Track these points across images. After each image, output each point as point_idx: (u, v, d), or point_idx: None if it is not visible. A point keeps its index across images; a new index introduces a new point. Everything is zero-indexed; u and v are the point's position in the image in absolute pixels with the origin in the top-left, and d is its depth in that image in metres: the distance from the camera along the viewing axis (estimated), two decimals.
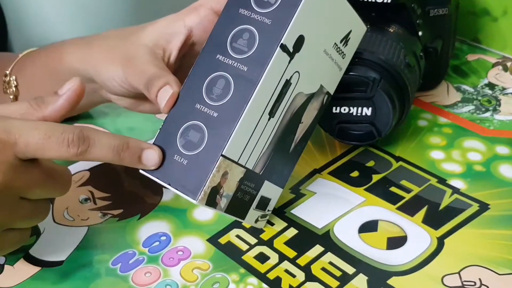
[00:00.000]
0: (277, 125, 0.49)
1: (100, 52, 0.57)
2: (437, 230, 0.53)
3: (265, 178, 0.51)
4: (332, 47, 0.51)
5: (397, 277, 0.49)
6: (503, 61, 0.71)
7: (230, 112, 0.46)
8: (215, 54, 0.48)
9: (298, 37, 0.47)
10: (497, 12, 0.72)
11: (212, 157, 0.46)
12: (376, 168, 0.59)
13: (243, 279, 0.50)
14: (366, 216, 0.55)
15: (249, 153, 0.48)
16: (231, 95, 0.47)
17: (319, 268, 0.51)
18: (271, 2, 0.47)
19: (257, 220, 0.53)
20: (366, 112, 0.57)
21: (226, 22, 0.48)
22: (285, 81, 0.48)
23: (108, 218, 0.56)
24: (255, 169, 0.49)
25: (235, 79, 0.47)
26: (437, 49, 0.64)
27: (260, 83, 0.46)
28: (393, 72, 0.56)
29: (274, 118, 0.48)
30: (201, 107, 0.47)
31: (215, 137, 0.46)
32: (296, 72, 0.48)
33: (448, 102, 0.66)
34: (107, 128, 0.66)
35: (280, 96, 0.48)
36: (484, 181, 0.57)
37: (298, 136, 0.52)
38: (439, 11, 0.63)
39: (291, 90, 0.49)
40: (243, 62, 0.47)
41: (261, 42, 0.47)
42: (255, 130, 0.47)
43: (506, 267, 0.50)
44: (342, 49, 0.52)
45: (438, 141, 0.62)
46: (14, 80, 0.63)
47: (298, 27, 0.47)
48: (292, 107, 0.50)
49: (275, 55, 0.46)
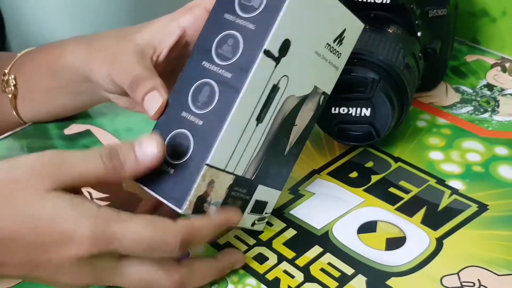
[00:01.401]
0: (267, 130, 0.48)
1: (96, 51, 0.57)
2: (436, 230, 0.53)
3: (258, 182, 0.50)
4: (325, 47, 0.50)
5: (396, 278, 0.49)
6: (501, 62, 0.71)
7: (214, 121, 0.46)
8: (201, 61, 0.47)
9: (284, 41, 0.46)
10: (496, 13, 0.72)
11: (197, 167, 0.45)
12: (375, 169, 0.59)
13: (241, 280, 0.50)
14: (365, 216, 0.54)
15: (237, 160, 0.47)
16: (215, 103, 0.46)
17: (318, 269, 0.50)
18: (255, 7, 0.46)
19: (254, 224, 0.52)
20: (365, 113, 0.57)
21: (212, 27, 0.48)
22: (273, 86, 0.47)
23: None
24: (246, 174, 0.49)
25: (219, 86, 0.46)
26: (436, 49, 0.64)
27: (243, 90, 0.45)
28: (392, 72, 0.56)
29: (262, 124, 0.48)
30: (187, 115, 0.47)
31: (200, 146, 0.46)
32: (285, 76, 0.47)
33: (447, 103, 0.66)
34: (106, 128, 0.66)
35: (268, 102, 0.47)
36: (483, 181, 0.57)
37: (293, 138, 0.51)
38: (438, 12, 0.63)
39: (280, 94, 0.48)
40: (228, 69, 0.46)
41: (245, 48, 0.46)
42: (242, 136, 0.47)
43: (505, 267, 0.49)
44: (337, 48, 0.51)
45: (437, 142, 0.62)
46: (13, 79, 0.63)
47: (282, 31, 0.46)
48: (283, 110, 0.49)
49: (258, 61, 0.45)
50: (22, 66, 0.63)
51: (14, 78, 0.63)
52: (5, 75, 0.63)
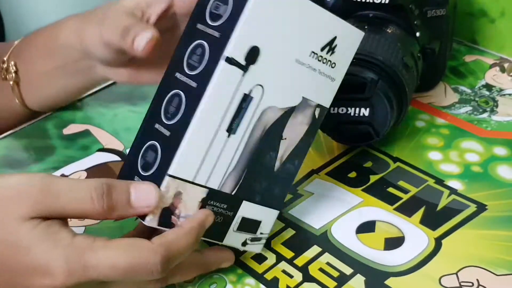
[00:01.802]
0: (243, 142, 0.47)
1: (88, 20, 0.58)
2: (435, 230, 0.53)
3: (242, 198, 0.48)
4: (309, 56, 0.48)
5: (395, 278, 0.49)
6: (500, 62, 0.71)
7: (178, 131, 0.45)
8: (175, 72, 0.46)
9: (250, 48, 0.45)
10: (495, 13, 0.72)
11: (160, 178, 0.45)
12: (373, 169, 0.59)
13: (240, 280, 0.50)
14: (363, 216, 0.55)
15: (208, 172, 0.46)
16: (181, 113, 0.45)
17: (316, 269, 0.50)
18: (221, 15, 0.45)
19: (246, 243, 0.50)
20: (364, 113, 0.57)
21: (186, 38, 0.47)
22: (243, 95, 0.46)
23: None
24: (223, 188, 0.47)
25: (186, 96, 0.45)
26: (435, 50, 0.64)
27: (205, 98, 0.44)
28: (391, 72, 0.56)
29: (236, 135, 0.46)
30: (159, 127, 0.46)
31: (165, 157, 0.45)
32: (258, 85, 0.46)
33: (446, 103, 0.66)
34: (105, 128, 0.66)
35: (240, 112, 0.46)
36: (482, 182, 0.57)
37: (283, 153, 0.49)
38: (437, 12, 0.63)
39: (256, 105, 0.47)
40: (194, 79, 0.45)
41: (209, 56, 0.45)
42: (210, 147, 0.46)
43: (503, 267, 0.49)
44: (327, 57, 0.49)
45: (435, 142, 0.62)
46: (13, 65, 0.63)
47: (247, 38, 0.45)
48: (263, 122, 0.47)
49: (220, 70, 0.44)
50: (21, 52, 0.63)
51: (14, 64, 0.63)
52: (4, 63, 0.63)
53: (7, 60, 0.63)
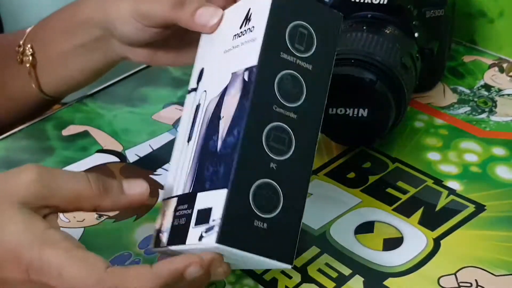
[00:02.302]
0: (196, 142, 0.48)
1: None
2: (433, 231, 0.53)
3: (197, 191, 0.46)
4: (232, 40, 0.47)
5: (393, 278, 0.49)
6: (499, 62, 0.71)
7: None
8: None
9: (200, 71, 0.48)
10: (493, 13, 0.72)
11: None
12: (372, 169, 0.59)
13: (239, 281, 0.50)
14: (362, 217, 0.55)
15: (178, 181, 0.47)
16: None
17: (315, 269, 0.50)
18: None
19: (202, 237, 0.43)
20: (362, 113, 0.57)
21: None
22: (196, 107, 0.48)
23: (104, 219, 0.56)
24: (185, 190, 0.47)
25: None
26: (433, 50, 0.64)
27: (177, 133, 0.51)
28: (390, 73, 0.56)
29: (192, 140, 0.48)
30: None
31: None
32: (204, 91, 0.48)
33: (444, 103, 0.66)
34: (104, 129, 0.66)
35: (194, 121, 0.48)
36: (480, 182, 0.57)
37: (222, 131, 0.46)
38: (435, 13, 0.63)
39: (203, 109, 0.48)
40: None
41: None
42: (179, 161, 0.48)
43: (502, 268, 0.49)
44: (246, 28, 0.47)
45: (434, 142, 0.62)
46: (29, 48, 0.63)
47: (198, 66, 0.48)
48: (207, 117, 0.48)
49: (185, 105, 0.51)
50: (37, 34, 0.63)
51: (31, 47, 0.63)
52: (20, 47, 0.63)
53: (23, 44, 0.63)
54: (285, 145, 0.44)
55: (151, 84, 0.71)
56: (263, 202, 0.43)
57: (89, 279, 0.40)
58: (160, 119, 0.67)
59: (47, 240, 0.41)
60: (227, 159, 0.44)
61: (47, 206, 0.43)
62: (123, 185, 0.45)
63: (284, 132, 0.44)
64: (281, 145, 0.44)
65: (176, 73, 0.72)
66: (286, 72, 0.44)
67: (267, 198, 0.43)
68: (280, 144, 0.44)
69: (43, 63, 0.63)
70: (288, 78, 0.44)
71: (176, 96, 0.70)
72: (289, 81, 0.44)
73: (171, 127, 0.65)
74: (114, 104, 0.69)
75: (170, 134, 0.64)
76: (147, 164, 0.61)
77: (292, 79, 0.44)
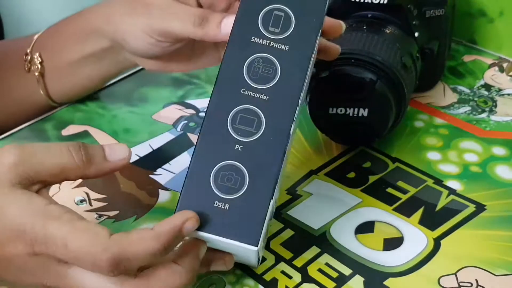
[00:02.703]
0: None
1: (120, 7, 0.57)
2: (434, 231, 0.53)
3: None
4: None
5: (394, 278, 0.49)
6: (499, 62, 0.71)
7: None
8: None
9: None
10: (493, 13, 0.72)
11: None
12: (372, 169, 0.59)
13: (239, 281, 0.50)
14: (362, 217, 0.54)
15: None
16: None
17: (315, 269, 0.50)
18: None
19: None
20: (363, 113, 0.57)
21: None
22: None
23: (103, 219, 0.56)
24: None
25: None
26: (434, 50, 0.64)
27: None
28: (390, 73, 0.56)
29: None
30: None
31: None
32: None
33: (445, 103, 0.66)
34: (104, 129, 0.66)
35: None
36: (481, 182, 0.57)
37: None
38: (435, 12, 0.63)
39: None
40: None
41: None
42: None
43: (502, 268, 0.49)
44: None
45: (434, 142, 0.62)
46: (38, 57, 0.63)
47: None
48: None
49: None
50: (46, 42, 0.63)
51: (39, 55, 0.63)
52: (28, 55, 0.63)
53: (30, 52, 0.63)
54: (253, 127, 0.44)
55: (151, 84, 0.71)
56: (225, 183, 0.44)
57: (94, 247, 0.41)
58: (160, 119, 0.67)
59: (49, 214, 0.42)
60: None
61: (35, 182, 0.44)
62: (105, 151, 0.46)
63: (253, 114, 0.44)
64: (248, 127, 0.44)
65: (176, 73, 0.72)
66: (257, 55, 0.45)
67: (230, 179, 0.44)
68: (247, 126, 0.44)
69: (52, 71, 0.63)
70: (259, 61, 0.45)
71: (176, 96, 0.69)
72: (260, 64, 0.45)
73: (171, 127, 0.65)
74: (114, 104, 0.69)
75: (170, 134, 0.64)
76: (147, 164, 0.61)
77: (263, 61, 0.45)
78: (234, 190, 0.44)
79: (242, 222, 0.43)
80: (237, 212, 0.43)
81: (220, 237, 0.44)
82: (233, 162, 0.44)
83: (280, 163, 0.44)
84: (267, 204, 0.44)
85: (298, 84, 0.45)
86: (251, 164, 0.44)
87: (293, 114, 0.45)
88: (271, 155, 0.44)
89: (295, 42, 0.45)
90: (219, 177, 0.44)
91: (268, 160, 0.44)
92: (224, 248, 0.46)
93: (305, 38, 0.45)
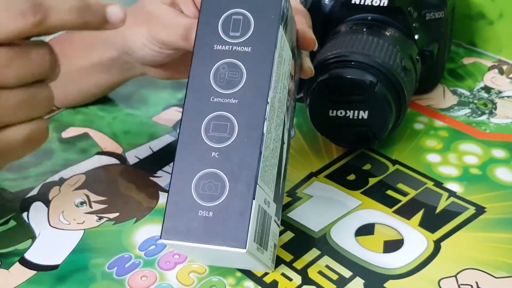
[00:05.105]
0: None
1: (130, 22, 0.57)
2: (434, 233, 0.53)
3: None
4: None
5: (394, 281, 0.49)
6: (499, 64, 0.72)
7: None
8: None
9: None
10: (493, 15, 0.72)
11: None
12: (372, 171, 0.59)
13: (239, 283, 0.50)
14: (362, 219, 0.55)
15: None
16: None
17: (315, 272, 0.50)
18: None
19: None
20: (363, 115, 0.57)
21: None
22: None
23: (104, 221, 0.56)
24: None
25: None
26: (433, 52, 0.64)
27: None
28: (390, 75, 0.56)
29: None
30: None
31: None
32: None
33: (444, 105, 0.67)
34: (104, 131, 0.66)
35: None
36: (481, 184, 0.57)
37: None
38: (435, 15, 0.64)
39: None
40: None
41: None
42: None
43: (502, 270, 0.50)
44: None
45: (434, 144, 0.62)
46: None
47: None
48: None
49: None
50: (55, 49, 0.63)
51: None
52: None
53: None
54: (227, 132, 0.44)
55: (151, 86, 0.71)
56: (206, 191, 0.43)
57: None
58: (160, 121, 0.67)
59: None
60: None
61: None
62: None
63: (225, 119, 0.44)
64: (222, 133, 0.44)
65: None
66: (221, 62, 0.45)
67: (210, 187, 0.43)
68: (221, 132, 0.44)
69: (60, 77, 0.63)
70: (224, 67, 0.45)
71: (176, 98, 0.70)
72: (226, 70, 0.45)
73: (171, 129, 0.65)
74: (114, 106, 0.69)
75: (171, 136, 0.64)
76: (148, 166, 0.61)
77: (228, 67, 0.45)
78: (215, 197, 0.43)
79: (227, 227, 0.43)
80: (221, 218, 0.43)
81: (208, 245, 0.43)
82: (212, 170, 0.44)
83: (258, 162, 0.44)
84: (250, 204, 0.43)
85: (265, 81, 0.45)
86: (229, 169, 0.44)
87: (264, 112, 0.44)
88: (248, 156, 0.44)
89: (256, 42, 0.45)
90: (200, 187, 0.43)
91: (245, 161, 0.44)
92: (219, 258, 0.46)
93: (265, 36, 0.45)
